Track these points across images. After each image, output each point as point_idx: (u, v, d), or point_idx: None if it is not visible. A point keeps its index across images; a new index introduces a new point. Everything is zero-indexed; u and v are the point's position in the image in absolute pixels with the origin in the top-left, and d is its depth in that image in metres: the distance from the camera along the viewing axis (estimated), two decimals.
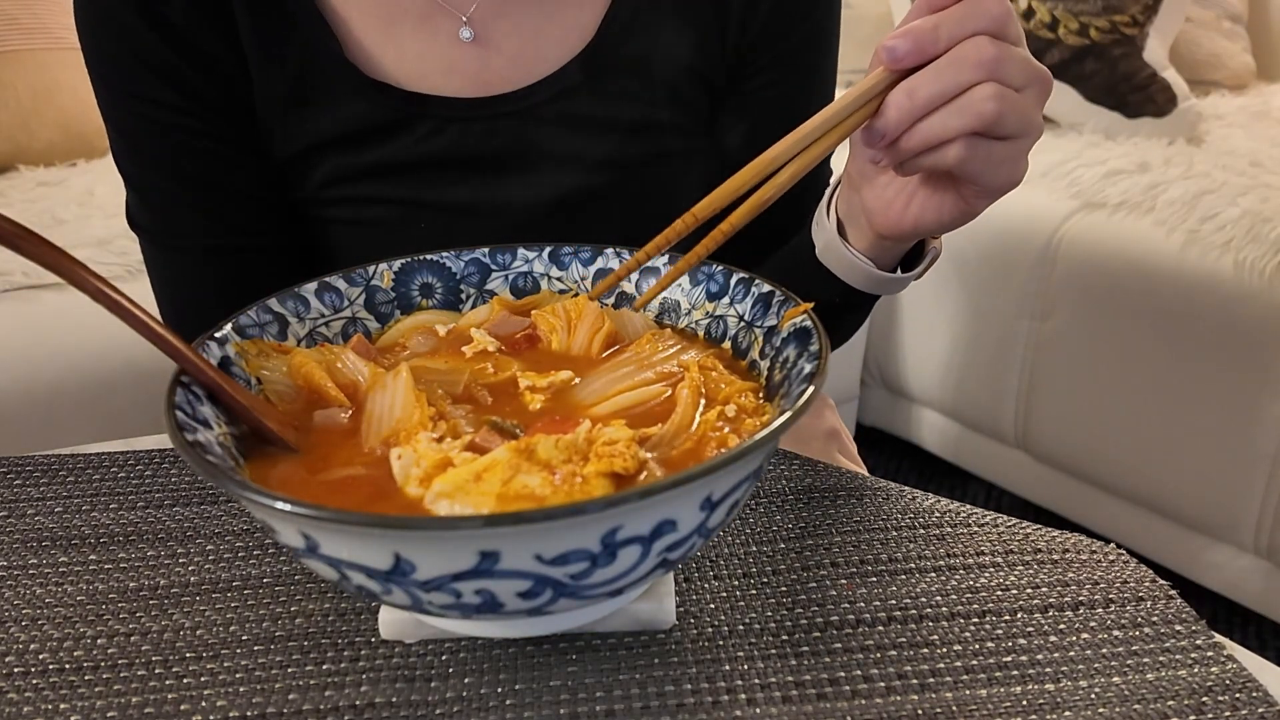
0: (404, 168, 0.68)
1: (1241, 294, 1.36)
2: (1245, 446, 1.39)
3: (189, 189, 0.68)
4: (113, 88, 0.66)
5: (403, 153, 0.68)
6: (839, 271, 0.62)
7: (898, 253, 0.61)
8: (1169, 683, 0.42)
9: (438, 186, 0.69)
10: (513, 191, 0.70)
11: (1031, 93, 0.48)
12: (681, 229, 0.48)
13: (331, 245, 0.72)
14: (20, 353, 1.18)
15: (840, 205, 0.62)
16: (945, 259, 1.71)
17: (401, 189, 0.69)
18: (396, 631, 0.45)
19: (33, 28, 1.61)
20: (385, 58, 0.67)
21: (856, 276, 0.62)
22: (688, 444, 0.43)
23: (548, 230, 0.70)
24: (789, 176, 0.48)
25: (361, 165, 0.68)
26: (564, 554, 0.34)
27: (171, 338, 0.42)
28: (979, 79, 0.46)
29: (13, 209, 1.41)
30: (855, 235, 0.61)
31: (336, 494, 0.40)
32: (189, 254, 0.69)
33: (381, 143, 0.68)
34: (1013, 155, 0.50)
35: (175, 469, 0.60)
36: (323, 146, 0.68)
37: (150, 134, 0.66)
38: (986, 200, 0.53)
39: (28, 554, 0.52)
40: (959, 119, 0.47)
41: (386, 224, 0.70)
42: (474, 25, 0.68)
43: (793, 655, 0.44)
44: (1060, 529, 0.53)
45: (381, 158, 0.68)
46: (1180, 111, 1.72)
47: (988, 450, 1.78)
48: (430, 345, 0.53)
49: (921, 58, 0.47)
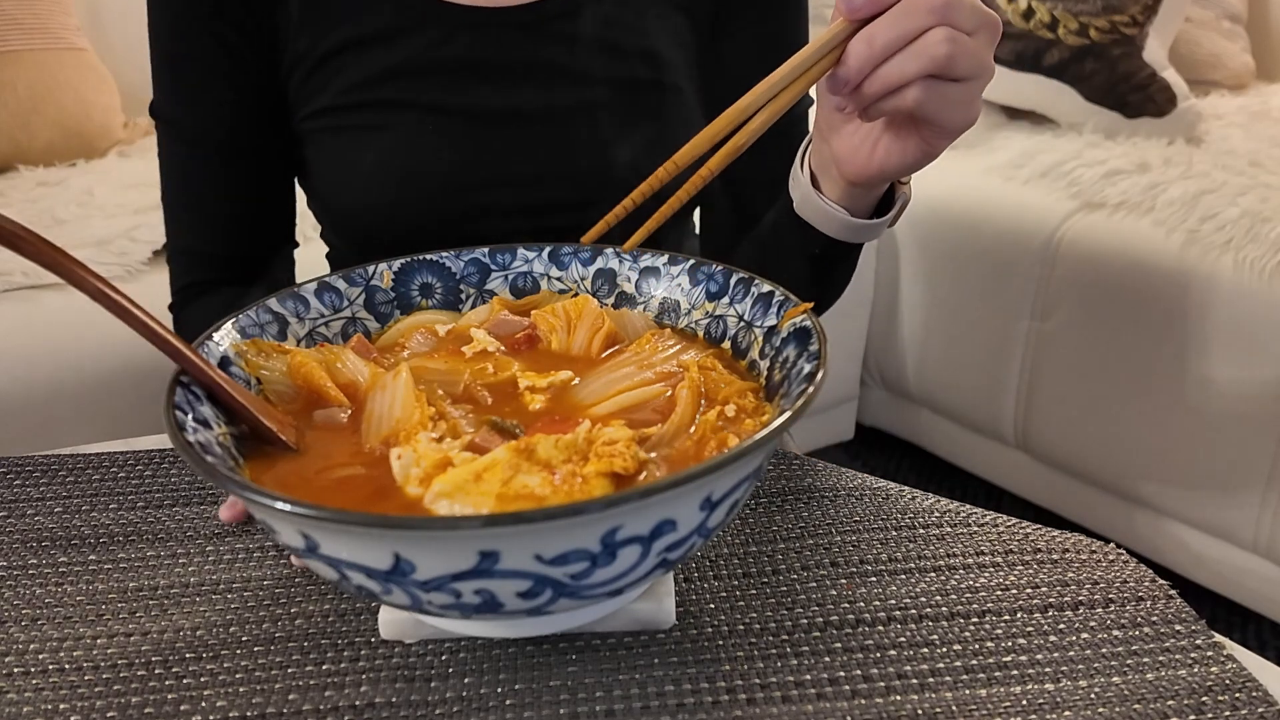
0: (416, 72, 0.72)
1: (1241, 294, 1.36)
2: (1245, 446, 1.39)
3: (219, 83, 0.72)
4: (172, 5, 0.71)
5: (417, 57, 0.72)
6: (816, 223, 0.65)
7: (870, 200, 0.64)
8: (1169, 682, 0.42)
9: (450, 91, 0.73)
10: (524, 98, 0.74)
11: (982, 36, 0.52)
12: (664, 175, 0.52)
13: (353, 157, 0.75)
14: (20, 353, 1.18)
15: (813, 158, 0.65)
16: (945, 258, 1.71)
17: (413, 93, 0.73)
18: (396, 631, 0.45)
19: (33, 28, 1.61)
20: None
21: (833, 226, 0.65)
22: (688, 444, 0.43)
23: (550, 142, 0.74)
24: (761, 123, 0.53)
25: (377, 69, 0.72)
26: (564, 554, 0.34)
27: (171, 338, 0.42)
28: (931, 24, 0.50)
29: (13, 209, 1.41)
30: (828, 185, 0.64)
31: (336, 494, 0.40)
32: (208, 146, 0.74)
33: (397, 47, 0.72)
34: (967, 96, 0.53)
35: (175, 469, 0.60)
36: (342, 50, 0.72)
37: (183, 32, 0.71)
38: (946, 140, 0.56)
39: (28, 554, 0.52)
40: (915, 62, 0.50)
41: (393, 129, 0.73)
42: None
43: (793, 655, 0.44)
44: (1060, 529, 0.53)
45: (396, 62, 0.72)
46: (1180, 111, 1.72)
47: (987, 450, 1.78)
48: (430, 345, 0.53)
49: (878, 7, 0.51)
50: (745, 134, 0.53)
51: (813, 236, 0.66)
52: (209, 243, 0.77)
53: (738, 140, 0.53)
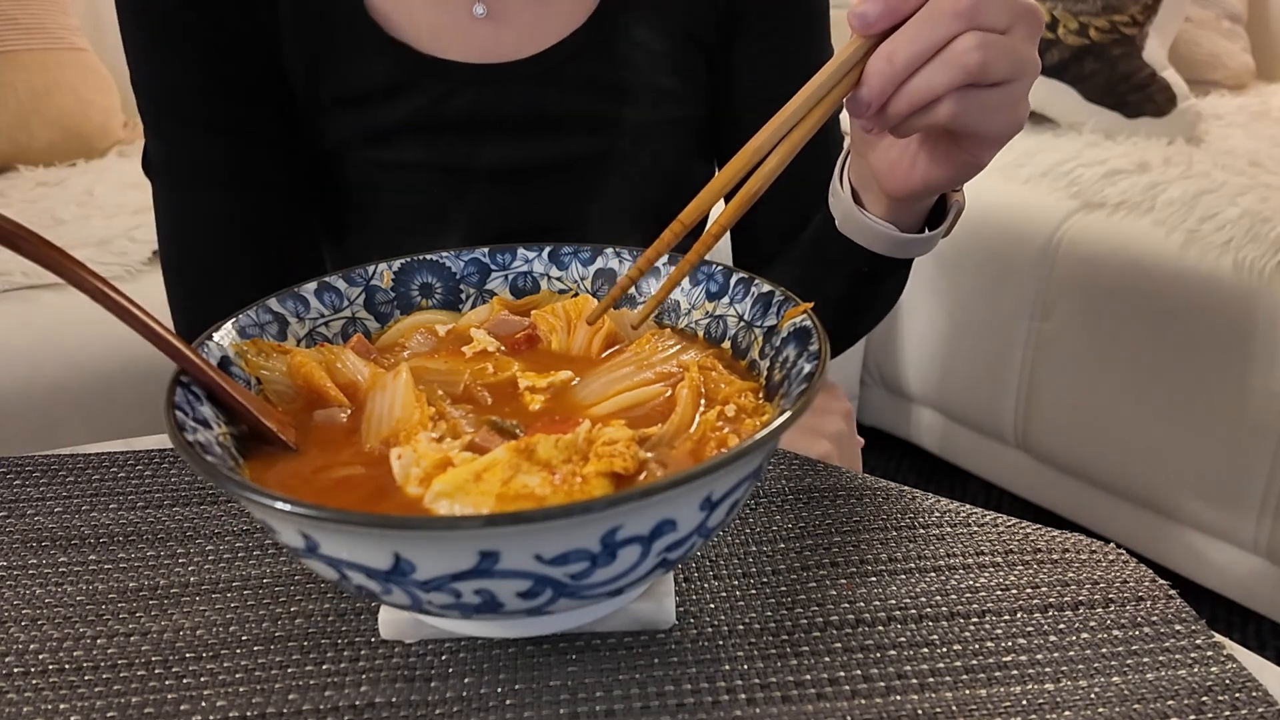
0: (420, 130, 0.70)
1: (1241, 294, 1.36)
2: (1245, 446, 1.39)
3: (206, 123, 0.68)
4: (142, 13, 0.67)
5: (419, 115, 0.70)
6: (861, 240, 0.61)
7: (919, 212, 0.60)
8: (1169, 682, 0.42)
9: (458, 150, 0.71)
10: (535, 151, 0.71)
11: (1019, 31, 0.46)
12: (670, 239, 0.46)
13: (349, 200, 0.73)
14: (20, 353, 1.18)
15: (851, 173, 0.61)
16: (945, 258, 1.71)
17: (417, 152, 0.70)
18: (396, 631, 0.45)
19: (32, 28, 1.61)
20: (406, 26, 0.69)
21: (880, 242, 0.60)
22: (688, 444, 0.43)
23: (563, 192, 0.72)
24: (775, 165, 0.47)
25: (379, 126, 0.70)
26: (564, 554, 0.34)
27: (171, 338, 0.42)
28: (959, 29, 0.44)
29: (12, 209, 1.41)
30: (871, 200, 0.60)
31: (336, 494, 0.40)
32: (202, 190, 0.69)
33: (399, 104, 0.69)
34: (1009, 100, 0.48)
35: (175, 469, 0.60)
36: (341, 102, 0.70)
37: (175, 64, 0.67)
38: (992, 148, 0.51)
39: (28, 554, 0.52)
40: (944, 74, 0.45)
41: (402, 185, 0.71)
42: (487, 2, 0.70)
43: (792, 655, 0.44)
44: (1060, 529, 0.53)
45: (398, 119, 0.70)
46: (1180, 111, 1.72)
47: (987, 450, 1.78)
48: (430, 345, 0.53)
49: (895, 18, 0.45)
50: (758, 179, 0.47)
51: (858, 254, 0.62)
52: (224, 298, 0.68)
53: (750, 187, 0.47)
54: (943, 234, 0.61)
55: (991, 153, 0.52)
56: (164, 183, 0.70)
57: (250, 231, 0.70)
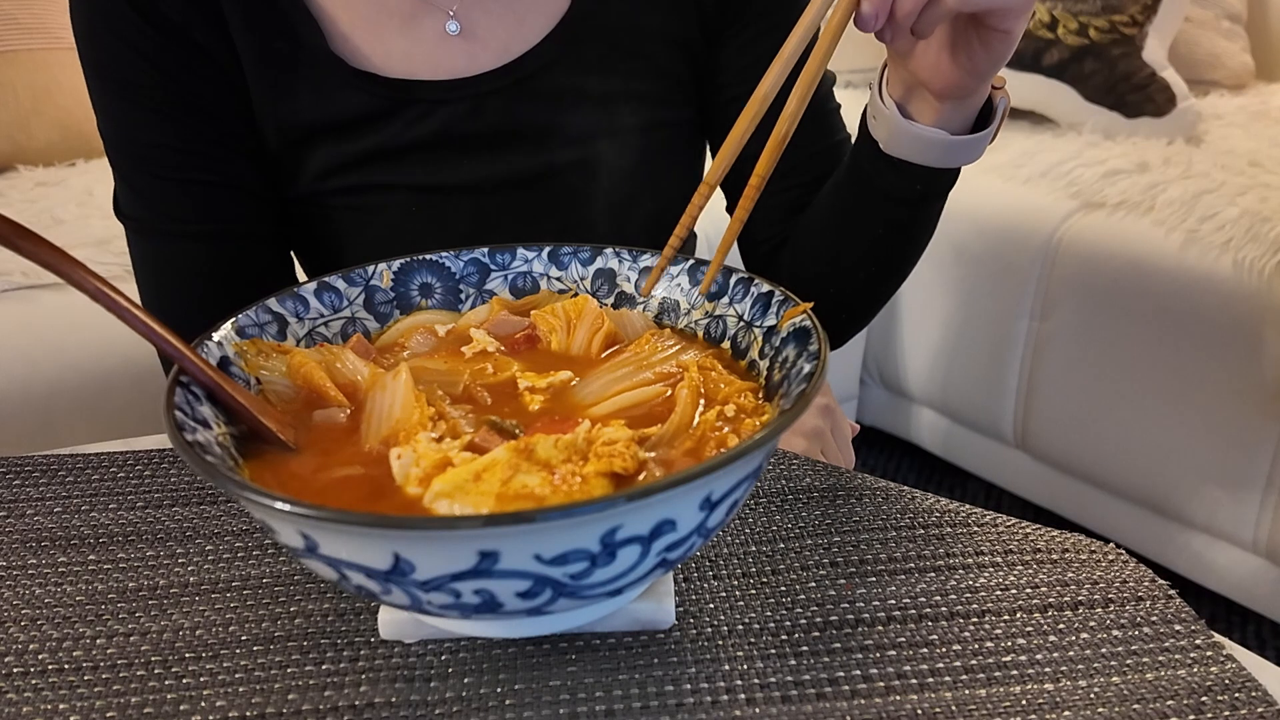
0: (397, 153, 0.69)
1: (1241, 294, 1.36)
2: (1245, 446, 1.39)
3: (179, 177, 0.68)
4: (105, 76, 0.66)
5: (394, 139, 0.69)
6: (913, 155, 0.61)
7: (968, 113, 0.60)
8: (1168, 682, 0.42)
9: (431, 170, 0.70)
10: (515, 163, 0.71)
11: None
12: (701, 203, 0.47)
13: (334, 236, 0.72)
14: (19, 353, 1.18)
15: (893, 89, 0.61)
16: (945, 258, 1.71)
17: (396, 175, 0.70)
18: (396, 631, 0.45)
19: (32, 27, 1.61)
20: (373, 55, 0.68)
21: (934, 153, 0.60)
22: (687, 444, 0.43)
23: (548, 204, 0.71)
24: (799, 101, 0.47)
25: (354, 154, 0.69)
26: (563, 554, 0.34)
27: (171, 338, 0.42)
28: None
29: (12, 209, 1.41)
30: (920, 110, 0.60)
31: (335, 494, 0.40)
32: (176, 241, 0.69)
33: (373, 131, 0.69)
34: None
35: (175, 469, 0.60)
36: (314, 138, 0.69)
37: (142, 123, 0.67)
38: (1017, 17, 0.51)
39: (27, 554, 0.52)
40: None
41: (386, 210, 0.70)
42: (460, 18, 0.69)
43: (792, 655, 0.44)
44: (1060, 529, 0.53)
45: (374, 146, 0.69)
46: (1179, 111, 1.72)
47: (987, 450, 1.78)
48: (430, 345, 0.53)
49: None
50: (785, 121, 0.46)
51: (910, 175, 0.61)
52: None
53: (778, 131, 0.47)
54: (992, 134, 0.61)
55: (1019, 21, 0.52)
56: (136, 229, 0.70)
57: (224, 279, 0.70)
